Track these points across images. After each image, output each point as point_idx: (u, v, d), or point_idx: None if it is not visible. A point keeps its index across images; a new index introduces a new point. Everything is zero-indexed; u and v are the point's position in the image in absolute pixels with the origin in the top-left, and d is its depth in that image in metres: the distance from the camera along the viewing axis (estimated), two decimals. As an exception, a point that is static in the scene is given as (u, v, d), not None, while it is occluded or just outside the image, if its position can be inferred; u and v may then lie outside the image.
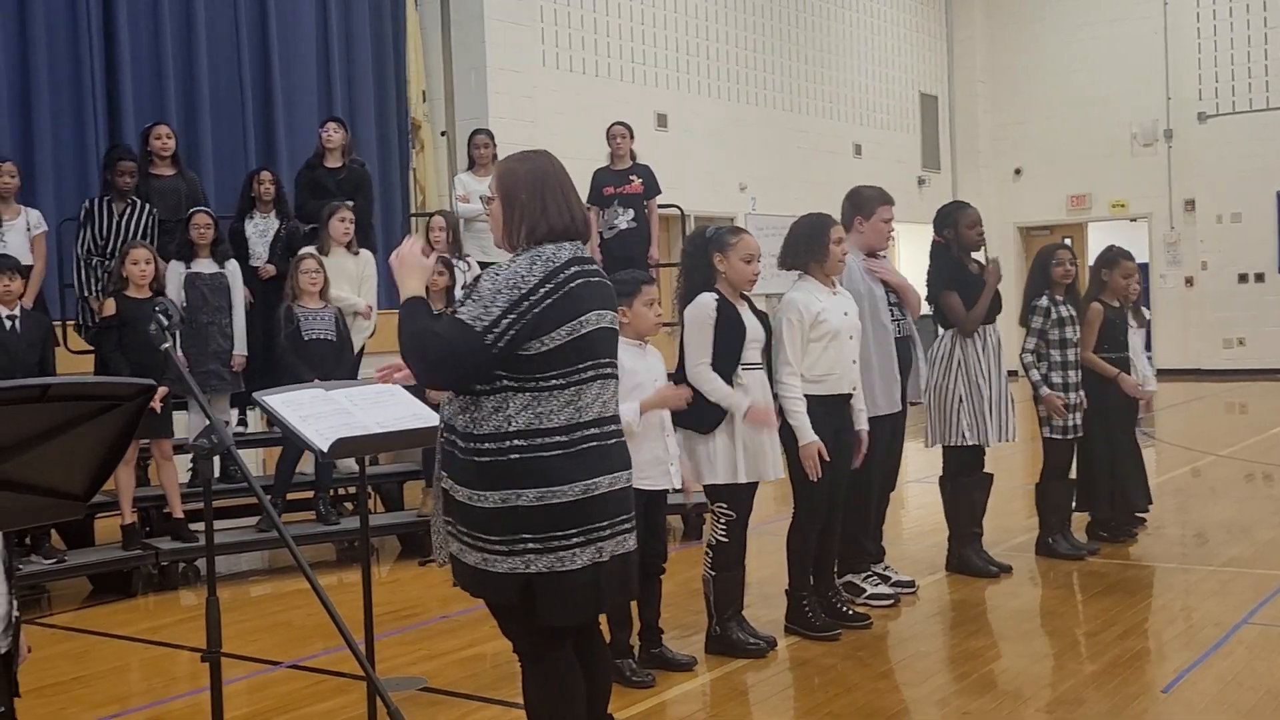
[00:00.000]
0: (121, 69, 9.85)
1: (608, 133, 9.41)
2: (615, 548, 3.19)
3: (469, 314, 3.03)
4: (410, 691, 4.79)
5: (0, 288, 6.34)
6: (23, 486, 2.09)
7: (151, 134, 8.05)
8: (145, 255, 6.77)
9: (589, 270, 3.19)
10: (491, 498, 3.08)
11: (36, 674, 3.11)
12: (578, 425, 3.11)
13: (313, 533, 7.30)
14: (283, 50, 11.03)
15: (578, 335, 3.10)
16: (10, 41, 9.27)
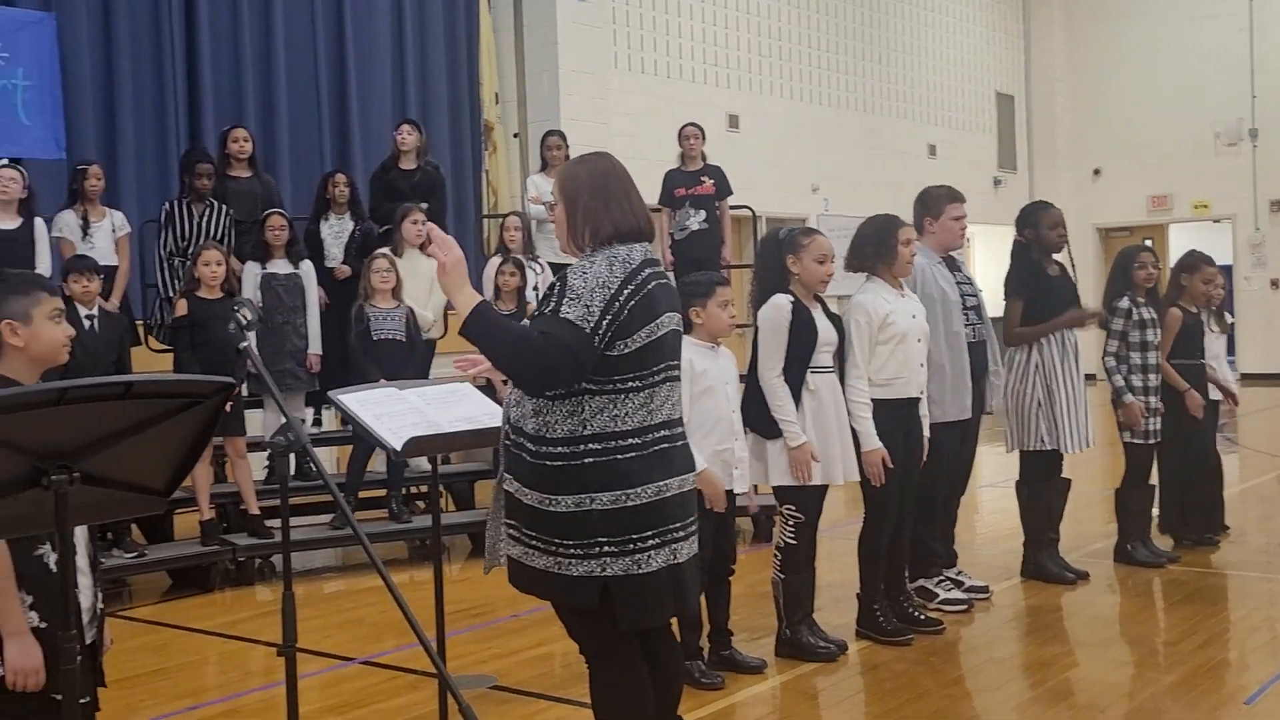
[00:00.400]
0: (202, 73, 10.04)
1: (679, 134, 9.41)
2: (689, 549, 3.19)
3: (575, 314, 2.99)
4: (480, 689, 4.82)
5: (80, 288, 6.49)
6: (106, 481, 2.14)
7: (229, 137, 8.20)
8: (217, 256, 6.90)
9: (660, 272, 3.18)
10: (565, 502, 3.05)
11: (118, 665, 3.18)
12: (649, 427, 3.10)
13: (385, 531, 7.37)
14: (358, 54, 11.17)
15: (654, 338, 3.09)
16: (96, 49, 9.49)
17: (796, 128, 15.20)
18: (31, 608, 2.76)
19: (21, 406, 1.97)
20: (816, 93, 15.72)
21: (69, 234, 7.36)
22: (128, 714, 4.63)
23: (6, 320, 2.81)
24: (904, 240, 5.22)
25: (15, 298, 2.83)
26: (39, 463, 2.02)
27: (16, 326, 2.81)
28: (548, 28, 12.25)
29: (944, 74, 18.02)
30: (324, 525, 7.43)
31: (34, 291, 2.86)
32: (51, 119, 9.08)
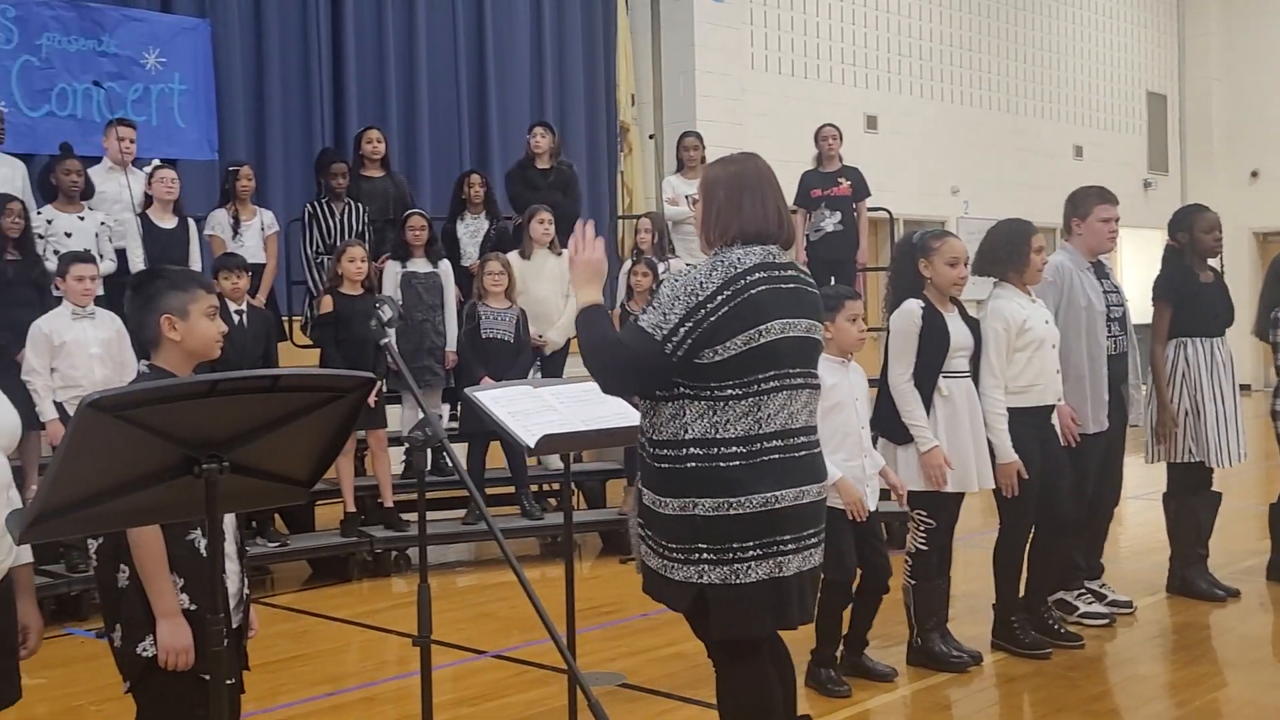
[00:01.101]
0: (347, 77, 10.31)
1: (816, 134, 9.32)
2: (801, 563, 3.12)
3: (649, 321, 3.02)
4: (610, 687, 4.85)
5: (230, 285, 6.71)
6: (253, 471, 2.20)
7: (363, 138, 8.41)
8: (360, 253, 7.07)
9: (781, 276, 3.11)
10: (671, 504, 3.07)
11: (260, 650, 3.27)
12: (757, 437, 3.04)
13: (517, 527, 7.46)
14: (497, 56, 11.35)
15: (756, 345, 3.03)
16: (247, 54, 9.82)
17: (936, 128, 14.94)
18: (182, 590, 2.86)
19: (176, 397, 2.04)
20: (958, 92, 15.43)
21: (220, 232, 7.62)
22: (270, 697, 4.77)
23: (165, 315, 2.91)
24: (1036, 248, 5.08)
25: (174, 293, 2.92)
26: (191, 452, 2.08)
27: (174, 321, 2.91)
28: (685, 29, 12.27)
29: (1092, 72, 17.51)
30: (457, 520, 7.55)
31: (192, 288, 2.95)
32: (205, 122, 9.45)
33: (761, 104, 12.71)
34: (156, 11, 9.37)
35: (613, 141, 12.28)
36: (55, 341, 6.08)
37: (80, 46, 8.86)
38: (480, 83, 11.28)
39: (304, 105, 10.12)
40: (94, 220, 7.08)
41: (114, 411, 1.96)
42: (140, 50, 9.12)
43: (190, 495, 2.13)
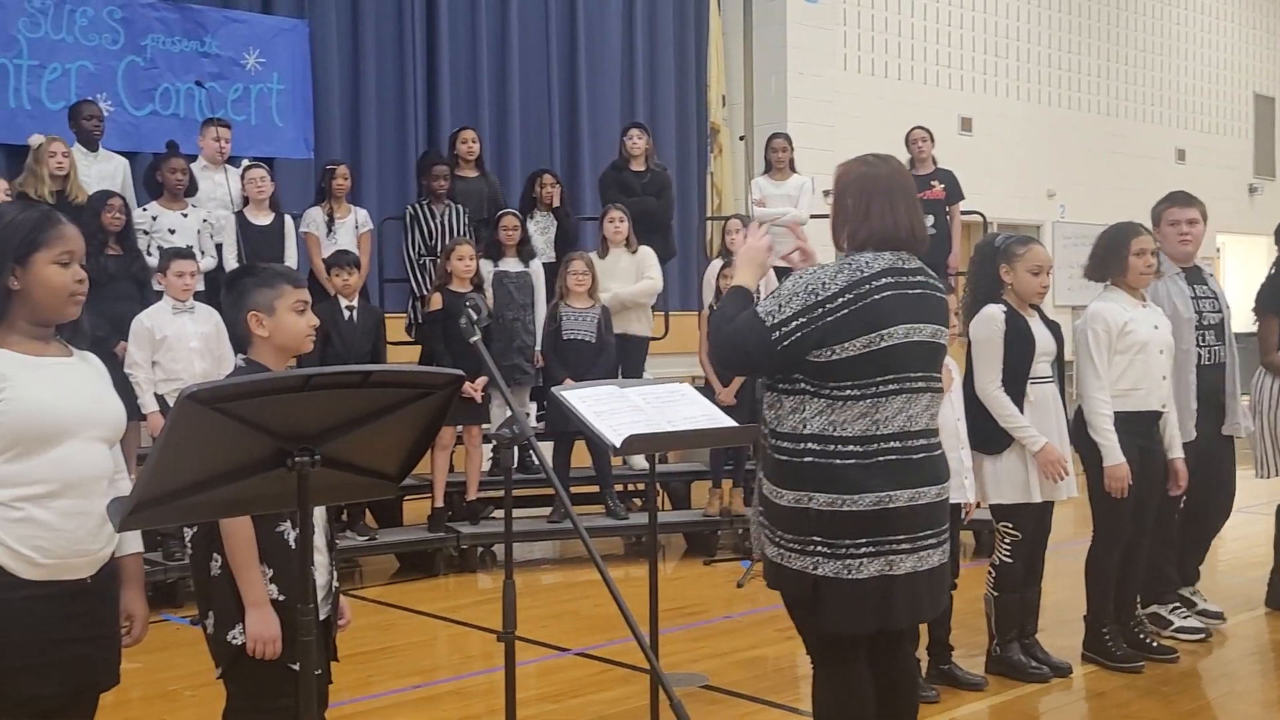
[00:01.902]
0: (440, 77, 10.43)
1: (907, 137, 9.23)
2: (917, 563, 3.13)
3: (764, 309, 3.09)
4: (692, 688, 4.84)
5: (340, 281, 6.83)
6: (344, 465, 2.23)
7: (458, 138, 8.50)
8: (469, 251, 7.16)
9: (908, 282, 3.13)
10: (788, 496, 3.13)
11: (348, 642, 3.33)
12: (874, 438, 3.07)
13: (601, 526, 7.49)
14: (589, 57, 11.40)
15: (876, 348, 3.05)
16: (344, 54, 9.98)
17: (1032, 130, 14.68)
18: (271, 580, 2.91)
19: (270, 391, 2.07)
20: (1055, 94, 15.15)
21: (315, 230, 7.76)
22: (358, 688, 4.84)
23: (252, 311, 2.96)
24: (1136, 250, 4.96)
25: (261, 290, 2.98)
26: (284, 444, 2.12)
27: (261, 317, 2.96)
28: (777, 30, 12.21)
29: (1195, 75, 17.08)
30: (543, 518, 7.60)
31: (279, 284, 3.00)
32: (302, 121, 9.63)
33: (853, 105, 12.60)
34: (257, 13, 9.57)
35: (703, 142, 12.26)
36: (156, 335, 6.24)
37: (183, 47, 9.08)
38: (571, 83, 11.34)
39: (398, 105, 10.26)
40: (196, 217, 7.26)
41: (211, 404, 2.00)
42: (241, 51, 9.33)
43: (282, 487, 2.16)
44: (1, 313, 2.55)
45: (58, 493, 2.53)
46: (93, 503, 2.56)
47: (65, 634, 2.56)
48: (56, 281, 2.57)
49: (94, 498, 2.57)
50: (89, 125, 7.42)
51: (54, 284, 2.57)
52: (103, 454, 2.64)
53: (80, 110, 7.50)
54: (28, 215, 2.60)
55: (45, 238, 2.56)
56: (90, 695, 2.71)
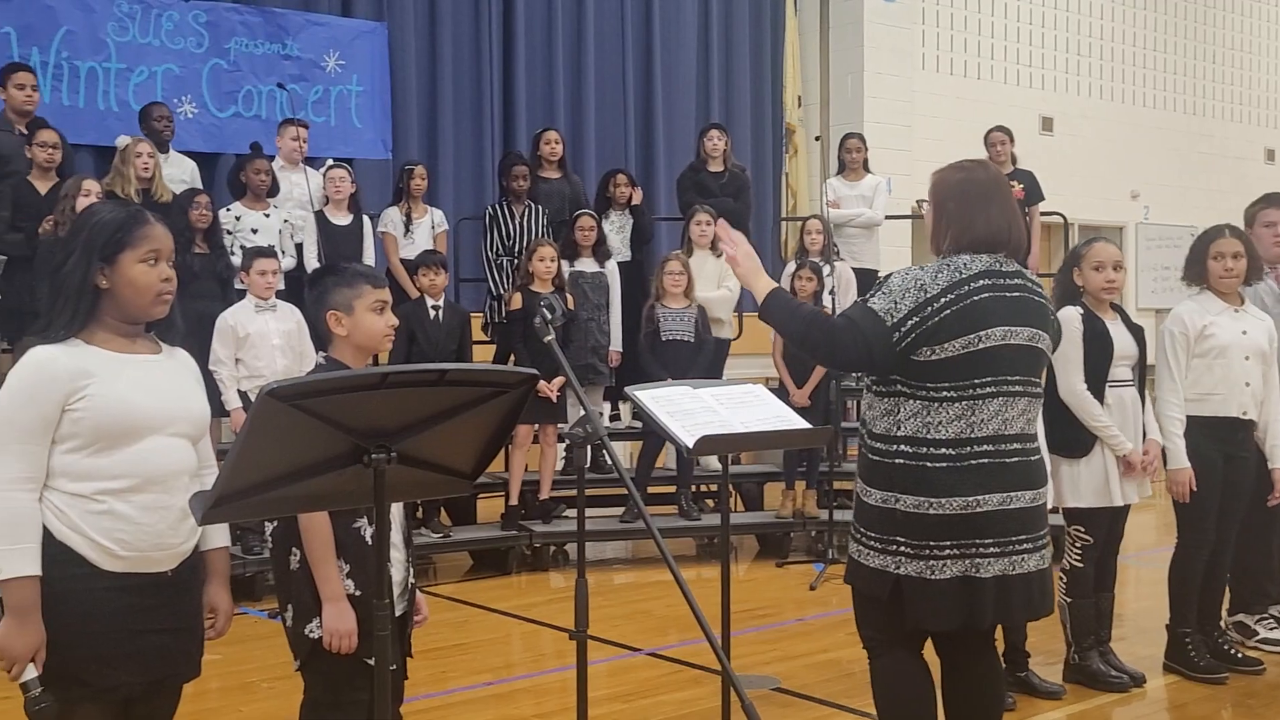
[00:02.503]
0: (516, 78, 10.50)
1: (986, 138, 9.11)
2: (1009, 566, 3.11)
3: (881, 306, 3.08)
4: (764, 690, 4.82)
5: (428, 281, 6.91)
6: (419, 462, 2.25)
7: (542, 139, 8.53)
8: (551, 252, 7.20)
9: (1006, 285, 3.13)
10: (876, 495, 3.16)
11: (422, 639, 3.36)
12: (968, 440, 3.08)
13: (673, 526, 7.49)
14: (664, 58, 11.40)
15: (975, 349, 3.06)
16: (422, 56, 10.09)
17: (1115, 130, 14.41)
18: (348, 576, 2.95)
19: (348, 388, 2.10)
20: (1138, 93, 14.86)
21: (392, 229, 7.84)
22: (432, 684, 4.89)
23: (331, 310, 3.00)
24: (1214, 254, 4.88)
25: (341, 289, 3.01)
26: (361, 441, 2.14)
27: (340, 316, 3.00)
28: (854, 29, 12.13)
29: (1285, 72, 16.66)
30: (615, 517, 7.62)
31: (358, 284, 3.03)
32: (380, 122, 9.75)
33: (931, 105, 12.47)
34: (337, 16, 9.71)
35: (778, 143, 12.22)
36: (240, 333, 6.36)
37: (266, 50, 9.24)
38: (647, 84, 11.35)
39: (475, 106, 10.34)
40: (278, 217, 7.38)
41: (290, 400, 2.02)
42: (321, 53, 9.47)
43: (359, 484, 2.18)
44: (91, 310, 2.60)
45: (138, 487, 2.58)
46: (174, 498, 2.61)
47: (145, 625, 2.61)
48: (143, 280, 2.62)
49: (175, 493, 2.62)
50: (159, 126, 7.56)
51: (140, 283, 2.61)
52: (185, 450, 2.68)
53: (150, 112, 7.65)
54: (115, 215, 2.65)
55: (132, 237, 2.61)
56: (171, 686, 2.75)
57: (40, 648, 2.50)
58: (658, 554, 2.83)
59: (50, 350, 2.55)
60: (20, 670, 2.50)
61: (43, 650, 2.51)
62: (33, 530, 2.52)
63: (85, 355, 2.57)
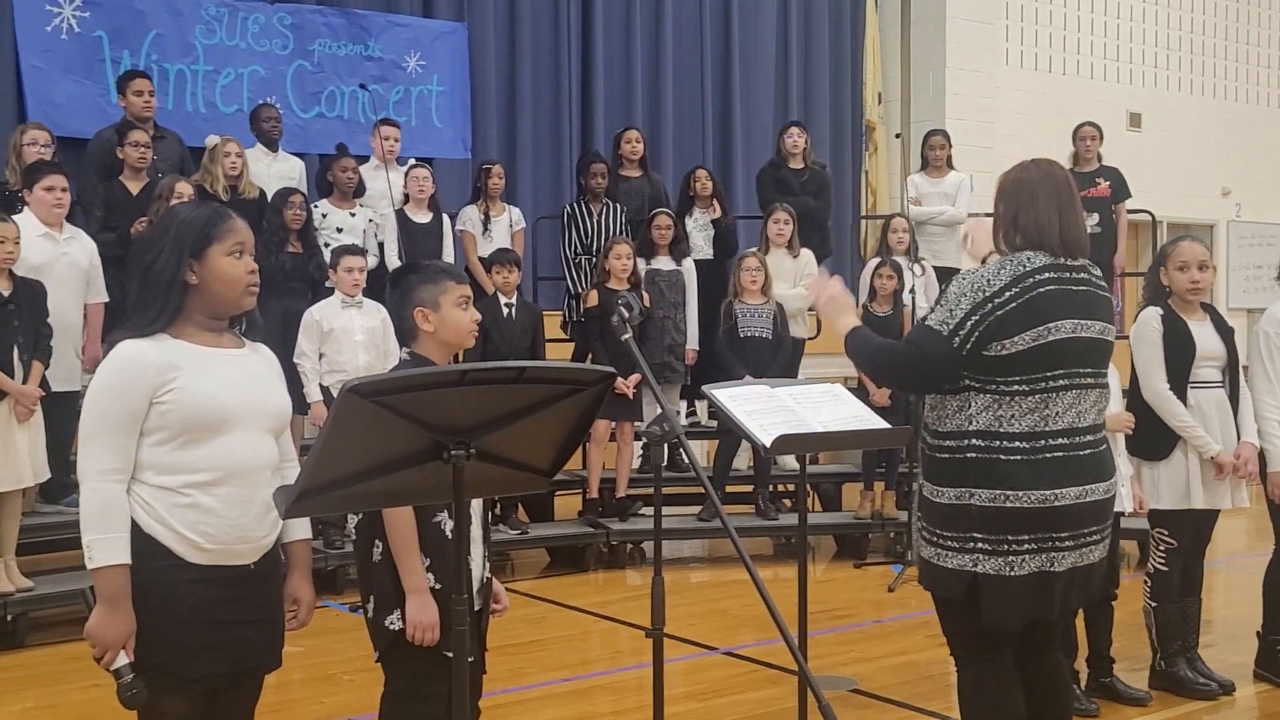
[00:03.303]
0: (595, 77, 10.53)
1: (1075, 133, 8.96)
2: (1078, 559, 3.12)
3: (936, 320, 3.11)
4: (841, 691, 4.79)
5: (500, 279, 6.97)
6: (498, 459, 2.27)
7: (622, 138, 8.56)
8: (627, 250, 7.23)
9: (1072, 278, 3.14)
10: (948, 494, 3.13)
11: (499, 634, 3.38)
12: (1042, 434, 3.07)
13: (751, 526, 7.46)
14: (743, 56, 11.36)
15: (1044, 341, 3.06)
16: (501, 56, 10.15)
17: (1206, 125, 14.08)
18: (428, 570, 2.98)
19: (427, 385, 2.12)
20: (1230, 87, 14.50)
21: (470, 228, 7.91)
22: (510, 679, 4.92)
23: (418, 307, 3.04)
24: None
25: (426, 286, 3.05)
26: (440, 438, 2.16)
27: (427, 313, 3.04)
28: (936, 25, 12.00)
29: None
30: (692, 516, 7.61)
31: (442, 280, 3.07)
32: (460, 122, 9.83)
33: (1015, 101, 12.30)
34: (418, 17, 9.81)
35: (858, 140, 12.12)
36: (324, 328, 6.46)
37: (349, 51, 9.36)
38: (725, 82, 11.32)
39: (553, 105, 10.39)
40: (364, 216, 7.48)
41: (371, 397, 2.05)
42: (403, 54, 9.57)
43: (439, 480, 2.20)
44: (179, 306, 2.65)
45: (222, 480, 2.62)
46: (256, 491, 2.66)
47: (228, 617, 2.65)
48: (232, 273, 2.67)
49: (258, 486, 2.66)
50: (267, 127, 7.74)
51: (230, 275, 2.67)
52: (267, 444, 2.73)
53: (260, 113, 7.85)
54: (200, 212, 2.72)
55: (218, 231, 2.67)
56: (254, 676, 2.80)
57: (131, 636, 2.56)
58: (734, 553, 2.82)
59: (138, 344, 2.61)
60: (112, 657, 2.55)
61: (133, 638, 2.57)
62: (122, 520, 2.58)
63: (173, 349, 2.62)
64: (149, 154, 6.85)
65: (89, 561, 2.56)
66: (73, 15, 8.15)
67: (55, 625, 5.71)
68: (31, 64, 7.99)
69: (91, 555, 2.55)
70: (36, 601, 5.61)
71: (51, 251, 5.94)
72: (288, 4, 9.11)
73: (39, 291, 5.62)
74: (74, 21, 8.16)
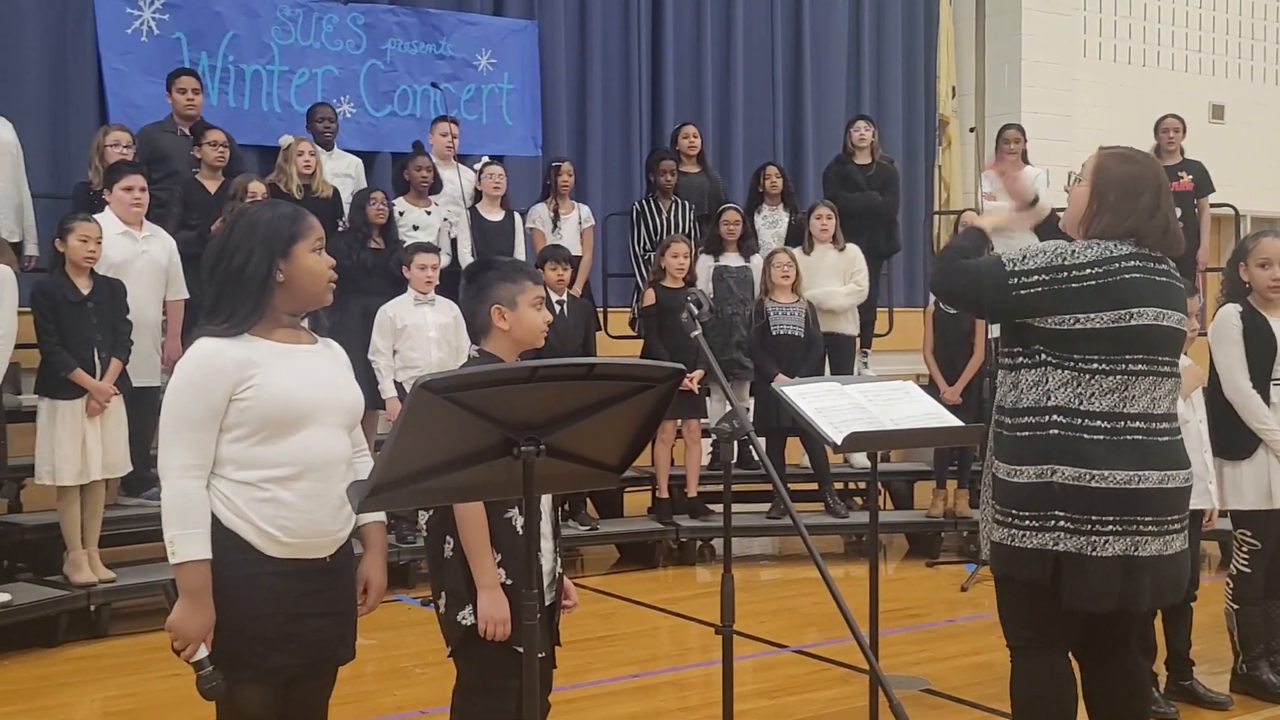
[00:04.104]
0: (665, 74, 10.52)
1: (1157, 126, 8.80)
2: (1162, 547, 3.06)
3: (1007, 255, 3.11)
4: (912, 691, 4.75)
5: (555, 276, 7.00)
6: (567, 455, 2.27)
7: (680, 134, 8.56)
8: (684, 249, 7.22)
9: (1156, 269, 3.11)
10: (1028, 472, 3.09)
11: (569, 630, 3.39)
12: (1121, 415, 3.04)
13: (821, 524, 7.42)
14: (814, 49, 11.29)
15: (1126, 325, 3.03)
16: (571, 53, 10.18)
17: (1291, 118, 13.74)
18: (499, 565, 3.00)
19: (498, 382, 2.13)
20: (1316, 78, 14.14)
21: (540, 225, 7.94)
22: (579, 674, 4.93)
23: (495, 305, 3.06)
24: None
25: (505, 284, 3.07)
26: (510, 434, 2.17)
27: (504, 311, 3.06)
28: (1011, 17, 11.83)
29: None
30: (761, 513, 7.59)
31: (520, 280, 3.09)
32: (530, 119, 9.88)
33: (1093, 94, 12.09)
34: (489, 15, 9.87)
35: (931, 135, 11.99)
36: (398, 325, 6.53)
37: (421, 50, 9.44)
38: (796, 77, 11.25)
39: (623, 102, 10.40)
40: (439, 214, 7.54)
41: (443, 393, 2.07)
42: (474, 53, 9.63)
43: (509, 475, 2.21)
44: (263, 305, 2.70)
45: (299, 475, 2.66)
46: (332, 485, 2.69)
47: (305, 609, 2.69)
48: (317, 268, 2.73)
49: (333, 481, 2.70)
50: (320, 127, 7.80)
51: (316, 270, 2.73)
52: (342, 439, 2.77)
53: (314, 113, 7.91)
54: (282, 211, 2.77)
55: (301, 229, 2.72)
56: (328, 668, 2.84)
57: (211, 629, 2.61)
58: (804, 551, 2.81)
59: (217, 343, 2.65)
60: (193, 650, 2.60)
61: (212, 631, 2.62)
62: (203, 515, 2.62)
63: (251, 347, 2.67)
64: (226, 153, 6.96)
65: (171, 557, 2.61)
66: (152, 18, 8.32)
67: (137, 616, 5.85)
68: (113, 66, 8.18)
69: (174, 550, 2.60)
70: (119, 592, 5.74)
71: (131, 249, 6.07)
72: (361, 4, 9.22)
73: (118, 290, 5.74)
74: (153, 24, 8.33)
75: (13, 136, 6.57)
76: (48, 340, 5.47)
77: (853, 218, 8.02)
